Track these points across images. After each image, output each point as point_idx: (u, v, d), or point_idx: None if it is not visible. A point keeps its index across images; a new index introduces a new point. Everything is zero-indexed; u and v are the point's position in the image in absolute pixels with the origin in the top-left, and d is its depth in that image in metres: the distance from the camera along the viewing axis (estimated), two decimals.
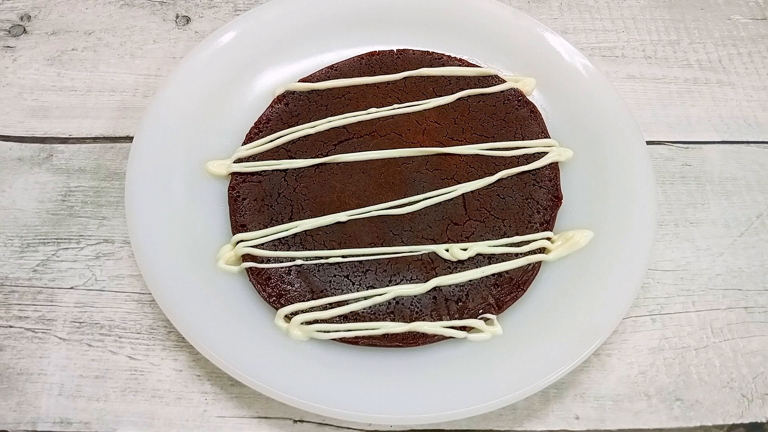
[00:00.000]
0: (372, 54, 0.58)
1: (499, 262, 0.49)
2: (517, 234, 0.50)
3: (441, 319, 0.47)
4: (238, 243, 0.49)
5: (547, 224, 0.51)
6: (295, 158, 0.53)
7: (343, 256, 0.48)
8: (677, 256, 0.54)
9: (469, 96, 0.56)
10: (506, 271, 0.48)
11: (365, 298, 0.47)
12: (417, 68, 0.57)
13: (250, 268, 0.48)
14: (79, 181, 0.56)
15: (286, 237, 0.49)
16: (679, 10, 0.69)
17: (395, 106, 0.55)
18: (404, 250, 0.49)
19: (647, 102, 0.62)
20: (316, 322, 0.46)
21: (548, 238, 0.50)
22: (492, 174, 0.52)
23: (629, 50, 0.66)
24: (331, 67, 0.57)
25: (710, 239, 0.54)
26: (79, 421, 0.46)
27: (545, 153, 0.53)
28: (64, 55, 0.63)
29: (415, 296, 0.47)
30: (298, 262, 0.48)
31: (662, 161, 0.58)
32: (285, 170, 0.52)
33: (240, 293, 0.48)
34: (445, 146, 0.53)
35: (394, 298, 0.47)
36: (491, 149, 0.53)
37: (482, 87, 0.56)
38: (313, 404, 0.42)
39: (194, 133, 0.53)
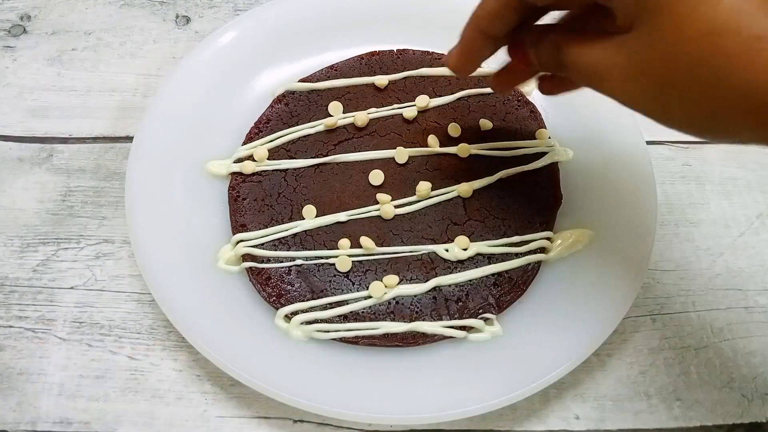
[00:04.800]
0: (372, 54, 0.58)
1: (499, 262, 0.49)
2: (517, 234, 0.50)
3: (441, 319, 0.47)
4: (238, 243, 0.49)
5: (547, 224, 0.51)
6: (295, 158, 0.53)
7: None
8: (677, 256, 0.54)
9: (469, 96, 0.56)
10: (506, 271, 0.48)
11: (365, 298, 0.47)
12: (417, 68, 0.57)
13: (250, 268, 0.48)
14: (79, 181, 0.56)
15: (286, 237, 0.49)
16: None
17: (395, 106, 0.55)
18: (404, 250, 0.49)
19: None
20: (316, 321, 0.46)
21: (548, 238, 0.50)
22: (492, 174, 0.52)
23: None
24: (331, 67, 0.57)
25: (710, 239, 0.54)
26: (79, 421, 0.46)
27: (545, 153, 0.53)
28: (64, 55, 0.63)
29: (415, 296, 0.47)
30: (298, 262, 0.48)
31: (662, 161, 0.58)
32: (285, 170, 0.52)
33: (240, 293, 0.48)
34: (445, 146, 0.53)
35: (394, 298, 0.47)
36: (491, 149, 0.53)
37: (482, 87, 0.56)
38: (313, 404, 0.42)
39: (194, 133, 0.53)
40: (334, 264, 0.48)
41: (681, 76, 0.30)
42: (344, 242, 0.49)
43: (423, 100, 0.55)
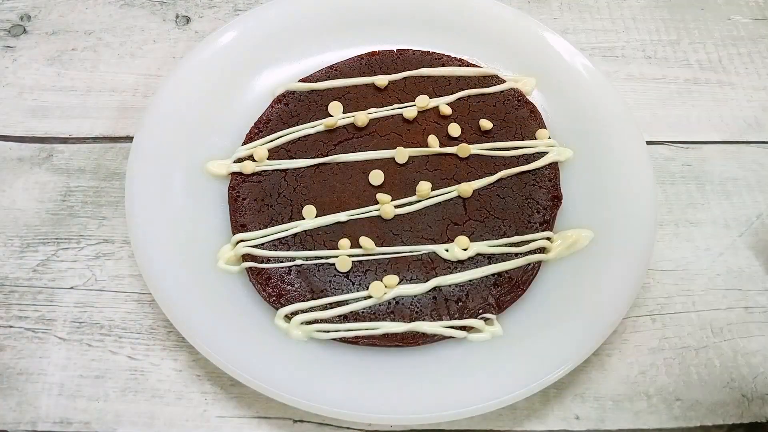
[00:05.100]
0: (372, 54, 0.58)
1: (499, 262, 0.49)
2: (517, 234, 0.50)
3: (441, 319, 0.47)
4: (238, 243, 0.49)
5: (547, 224, 0.51)
6: (295, 158, 0.53)
7: None
8: (677, 256, 0.54)
9: (469, 96, 0.56)
10: (506, 271, 0.48)
11: (365, 298, 0.47)
12: (417, 68, 0.57)
13: (250, 268, 0.48)
14: (79, 181, 0.56)
15: (286, 237, 0.49)
16: (679, 10, 0.69)
17: (395, 106, 0.55)
18: (404, 250, 0.49)
19: (647, 102, 0.62)
20: (316, 322, 0.46)
21: (548, 238, 0.50)
22: (492, 174, 0.52)
23: (629, 50, 0.66)
24: (331, 67, 0.57)
25: (710, 239, 0.55)
26: (79, 421, 0.46)
27: (545, 153, 0.53)
28: (64, 55, 0.63)
29: (415, 296, 0.47)
30: (298, 262, 0.48)
31: (662, 161, 0.59)
32: (285, 170, 0.52)
33: (240, 293, 0.48)
34: (445, 146, 0.53)
35: (394, 298, 0.47)
36: (491, 149, 0.53)
37: (482, 87, 0.56)
38: (313, 404, 0.42)
39: (194, 133, 0.54)
40: (334, 264, 0.48)
41: None
42: (344, 242, 0.49)
43: (423, 100, 0.55)
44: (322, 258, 0.49)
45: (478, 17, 0.60)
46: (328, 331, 0.46)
